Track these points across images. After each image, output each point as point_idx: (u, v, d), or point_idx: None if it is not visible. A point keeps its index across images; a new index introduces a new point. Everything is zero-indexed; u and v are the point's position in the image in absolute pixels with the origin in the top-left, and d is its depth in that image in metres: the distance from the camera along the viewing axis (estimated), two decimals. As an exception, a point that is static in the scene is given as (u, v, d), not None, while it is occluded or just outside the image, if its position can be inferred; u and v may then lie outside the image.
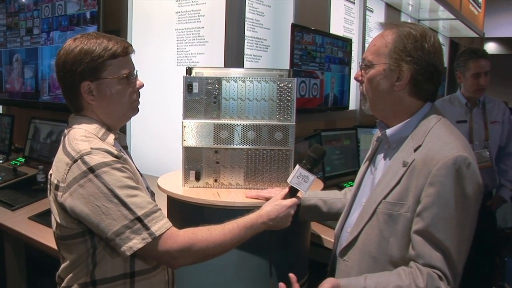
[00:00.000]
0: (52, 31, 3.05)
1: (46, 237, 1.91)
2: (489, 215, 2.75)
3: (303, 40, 2.69)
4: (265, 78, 1.62)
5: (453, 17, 5.41)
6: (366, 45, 3.74)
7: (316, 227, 1.96)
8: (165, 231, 1.08)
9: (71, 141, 1.11)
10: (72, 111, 1.21)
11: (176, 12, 2.47)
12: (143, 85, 1.23)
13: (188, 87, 1.61)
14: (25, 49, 3.29)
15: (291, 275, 1.14)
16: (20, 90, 3.38)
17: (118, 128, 1.25)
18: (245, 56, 2.35)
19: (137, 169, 1.23)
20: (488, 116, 2.66)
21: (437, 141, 1.11)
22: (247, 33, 2.41)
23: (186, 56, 2.44)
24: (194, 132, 1.63)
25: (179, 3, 2.46)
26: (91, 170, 1.05)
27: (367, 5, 3.93)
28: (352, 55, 3.41)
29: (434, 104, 1.21)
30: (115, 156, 1.10)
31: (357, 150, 2.86)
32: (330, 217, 1.54)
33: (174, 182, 1.68)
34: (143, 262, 1.17)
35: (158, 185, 1.63)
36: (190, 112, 1.62)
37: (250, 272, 1.55)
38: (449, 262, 1.07)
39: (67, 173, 1.07)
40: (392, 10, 4.57)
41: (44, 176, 2.58)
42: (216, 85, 1.62)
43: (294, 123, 1.63)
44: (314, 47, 2.81)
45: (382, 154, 1.27)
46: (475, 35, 7.24)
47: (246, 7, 2.33)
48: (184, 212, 1.60)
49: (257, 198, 1.53)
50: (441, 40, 5.91)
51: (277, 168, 1.65)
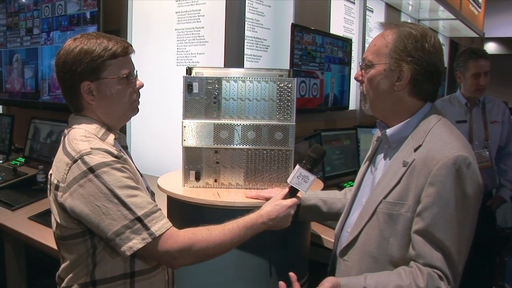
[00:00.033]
0: (52, 31, 3.05)
1: (46, 237, 1.91)
2: (489, 215, 2.75)
3: (303, 40, 2.69)
4: (265, 78, 1.62)
5: (453, 17, 5.41)
6: (366, 45, 3.75)
7: (316, 227, 1.96)
8: (165, 231, 1.08)
9: (71, 141, 1.11)
10: (72, 111, 1.21)
11: (176, 12, 2.47)
12: (143, 85, 1.23)
13: (188, 87, 1.61)
14: (25, 49, 3.29)
15: (291, 274, 1.14)
16: (20, 90, 3.38)
17: (118, 128, 1.25)
18: (245, 56, 2.35)
19: (137, 169, 1.23)
20: (488, 116, 2.66)
21: (437, 141, 1.11)
22: (247, 33, 2.40)
23: (186, 56, 2.44)
24: (194, 132, 1.63)
25: (179, 3, 2.46)
26: (91, 170, 1.05)
27: (367, 5, 3.93)
28: (352, 55, 3.41)
29: (434, 104, 1.21)
30: (115, 156, 1.10)
31: (357, 150, 2.86)
32: (330, 217, 1.54)
33: (174, 182, 1.68)
34: (143, 262, 1.17)
35: (158, 185, 1.63)
36: (190, 112, 1.62)
37: (250, 272, 1.55)
38: (449, 262, 1.07)
39: (67, 173, 1.07)
40: (392, 10, 4.57)
41: (44, 176, 2.58)
42: (216, 85, 1.62)
43: (294, 123, 1.63)
44: (314, 47, 2.81)
45: (382, 154, 1.27)
46: (475, 35, 7.24)
47: (246, 7, 2.33)
48: (184, 212, 1.60)
49: (257, 198, 1.53)
50: (441, 40, 5.90)
51: (277, 168, 1.65)
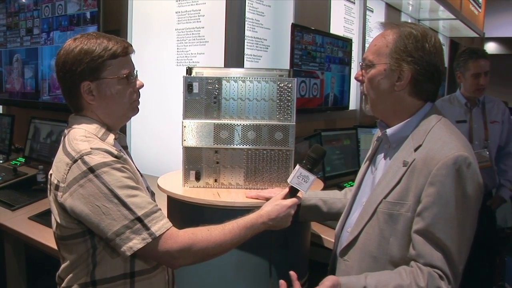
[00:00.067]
0: (52, 31, 3.05)
1: (46, 237, 1.91)
2: (489, 215, 2.75)
3: (303, 40, 2.69)
4: (265, 78, 1.62)
5: (453, 17, 5.41)
6: (366, 45, 3.76)
7: (316, 227, 1.96)
8: (165, 231, 1.08)
9: (71, 141, 1.11)
10: (72, 111, 1.21)
11: (176, 12, 2.47)
12: (143, 85, 1.23)
13: (188, 87, 1.61)
14: (25, 49, 3.29)
15: (292, 273, 1.14)
16: (20, 90, 3.38)
17: (118, 128, 1.25)
18: (245, 56, 2.35)
19: (137, 169, 1.23)
20: (488, 116, 2.66)
21: (438, 141, 1.11)
22: (247, 33, 2.40)
23: (186, 56, 2.44)
24: (194, 132, 1.63)
25: (179, 3, 2.46)
26: (91, 170, 1.05)
27: (367, 5, 3.93)
28: (352, 55, 3.41)
29: (435, 104, 1.21)
30: (115, 156, 1.10)
31: (357, 150, 2.85)
32: (330, 217, 1.54)
33: (174, 182, 1.68)
34: (143, 262, 1.17)
35: (158, 185, 1.63)
36: (190, 112, 1.62)
37: (250, 272, 1.55)
38: (450, 262, 1.07)
39: (67, 173, 1.07)
40: (392, 10, 4.57)
41: (44, 176, 2.58)
42: (216, 85, 1.62)
43: (294, 123, 1.63)
44: (314, 47, 2.81)
45: (383, 154, 1.27)
46: (475, 35, 7.25)
47: (246, 7, 2.33)
48: (184, 212, 1.59)
49: (257, 198, 1.52)
50: (441, 40, 5.91)
51: (277, 168, 1.65)
